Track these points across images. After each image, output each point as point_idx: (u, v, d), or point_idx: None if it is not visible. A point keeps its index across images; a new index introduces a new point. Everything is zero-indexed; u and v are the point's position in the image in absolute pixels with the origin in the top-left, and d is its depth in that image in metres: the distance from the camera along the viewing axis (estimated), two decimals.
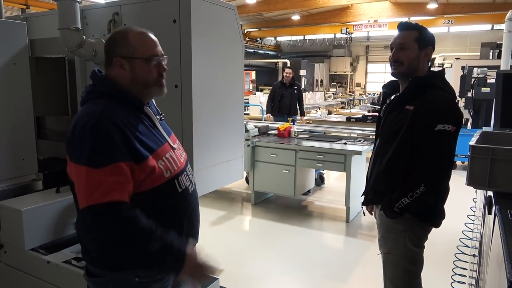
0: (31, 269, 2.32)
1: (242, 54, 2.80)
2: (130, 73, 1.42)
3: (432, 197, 1.93)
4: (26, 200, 2.40)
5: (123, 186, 1.30)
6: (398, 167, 1.99)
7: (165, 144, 1.47)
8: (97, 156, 1.27)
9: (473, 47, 17.04)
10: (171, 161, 1.46)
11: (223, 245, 4.09)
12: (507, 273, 0.92)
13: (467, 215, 3.27)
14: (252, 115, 10.29)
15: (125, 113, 1.37)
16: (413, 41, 1.97)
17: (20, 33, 2.62)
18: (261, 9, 15.71)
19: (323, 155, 4.74)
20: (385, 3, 15.55)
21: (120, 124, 1.32)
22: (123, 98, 1.41)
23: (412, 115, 1.93)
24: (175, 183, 1.45)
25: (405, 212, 1.96)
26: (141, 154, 1.34)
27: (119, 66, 1.42)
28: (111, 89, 1.41)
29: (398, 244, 2.05)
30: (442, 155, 1.89)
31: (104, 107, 1.35)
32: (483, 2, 14.86)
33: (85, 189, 1.28)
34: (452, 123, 1.86)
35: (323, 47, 22.87)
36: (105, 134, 1.29)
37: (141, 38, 1.44)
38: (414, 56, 1.98)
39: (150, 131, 1.43)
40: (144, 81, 1.44)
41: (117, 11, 2.52)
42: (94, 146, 1.28)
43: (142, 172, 1.34)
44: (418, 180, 1.89)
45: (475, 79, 7.36)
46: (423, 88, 1.96)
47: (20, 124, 2.63)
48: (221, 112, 2.64)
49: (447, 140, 1.87)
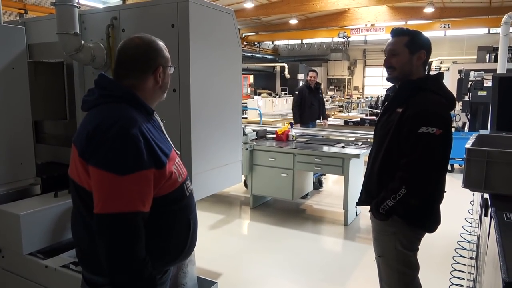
0: (29, 274, 2.32)
1: (240, 58, 2.82)
2: (163, 81, 1.49)
3: (414, 199, 1.92)
4: (24, 204, 2.39)
5: (145, 195, 1.30)
6: (388, 169, 2.01)
7: (173, 149, 1.49)
8: (122, 163, 1.26)
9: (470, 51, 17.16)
10: (181, 165, 1.49)
11: (221, 249, 4.09)
12: (502, 274, 0.93)
13: (465, 218, 3.28)
14: (250, 118, 10.31)
15: (143, 119, 1.38)
16: (403, 46, 2.00)
17: (19, 37, 2.62)
18: (259, 13, 15.78)
19: (321, 159, 4.75)
20: (382, 7, 15.64)
21: (144, 130, 1.32)
22: (139, 104, 1.41)
23: (399, 117, 1.95)
24: (184, 187, 1.48)
25: (393, 214, 1.97)
26: (162, 160, 1.35)
27: (159, 75, 1.47)
28: (128, 94, 1.40)
29: (389, 247, 2.06)
30: (424, 158, 1.88)
31: (127, 112, 1.35)
32: (479, 6, 14.98)
33: (107, 195, 1.26)
34: (438, 126, 1.85)
35: (320, 51, 22.97)
36: (131, 140, 1.28)
37: (166, 48, 1.52)
38: (405, 60, 2.00)
39: (161, 137, 1.45)
40: (167, 87, 1.54)
41: (115, 16, 2.53)
42: (120, 152, 1.27)
43: (163, 177, 1.35)
44: (400, 182, 1.90)
45: (472, 82, 7.39)
46: (414, 91, 1.97)
47: (18, 129, 2.63)
48: (219, 116, 2.65)
49: (429, 143, 1.85)
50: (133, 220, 1.27)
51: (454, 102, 2.07)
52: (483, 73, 7.47)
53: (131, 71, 1.44)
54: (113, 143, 1.27)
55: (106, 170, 1.25)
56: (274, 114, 11.11)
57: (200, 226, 1.67)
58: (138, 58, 1.43)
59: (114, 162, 1.26)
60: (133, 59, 1.43)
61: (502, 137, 2.39)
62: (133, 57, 1.43)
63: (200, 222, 1.66)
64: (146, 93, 1.45)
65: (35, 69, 2.79)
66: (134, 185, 1.27)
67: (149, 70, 1.44)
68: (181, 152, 1.76)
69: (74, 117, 2.87)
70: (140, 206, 1.28)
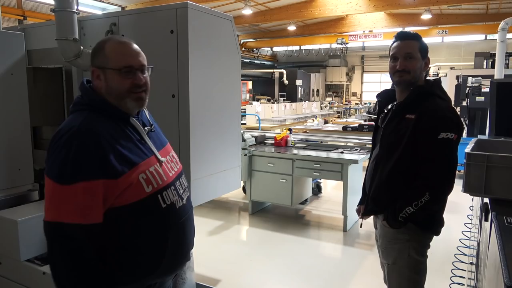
0: (27, 281, 2.30)
1: (238, 64, 2.82)
2: (104, 83, 1.38)
3: (437, 205, 1.94)
4: (22, 210, 2.38)
5: (86, 207, 1.25)
6: (400, 177, 1.98)
7: (151, 157, 1.41)
8: (67, 172, 1.23)
9: (467, 57, 17.26)
10: (155, 175, 1.39)
11: (220, 255, 4.07)
12: (504, 278, 0.93)
13: (464, 223, 3.28)
14: (249, 124, 10.32)
15: (107, 126, 1.32)
16: (417, 51, 1.99)
17: (18, 43, 2.63)
18: (258, 19, 15.85)
19: (320, 164, 4.75)
20: (380, 14, 15.73)
21: (98, 138, 1.27)
22: (105, 110, 1.36)
23: (414, 124, 1.93)
24: (158, 198, 1.38)
25: (409, 222, 1.95)
26: (116, 169, 1.28)
27: (96, 77, 1.39)
28: (92, 101, 1.37)
29: (402, 255, 2.02)
30: (446, 164, 1.88)
31: (84, 120, 1.31)
32: (476, 13, 15.08)
33: (49, 203, 1.25)
34: (454, 131, 1.86)
35: (319, 57, 23.06)
36: (77, 149, 1.24)
37: (117, 48, 1.40)
38: (419, 65, 2.00)
39: (135, 144, 1.38)
40: (117, 93, 1.38)
41: (114, 22, 2.53)
42: (66, 161, 1.23)
43: (117, 187, 1.28)
44: (423, 189, 1.88)
45: (470, 88, 7.43)
46: (423, 97, 1.97)
47: (17, 135, 2.63)
48: (218, 122, 2.64)
49: (450, 148, 1.86)
50: (70, 232, 1.23)
51: None
52: (480, 79, 7.51)
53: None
54: (59, 152, 1.25)
55: (49, 177, 1.26)
56: (272, 120, 11.12)
57: (199, 232, 1.66)
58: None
59: (56, 170, 1.24)
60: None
61: (501, 142, 2.40)
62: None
63: (198, 228, 1.64)
64: (113, 97, 1.38)
65: (34, 75, 2.79)
66: (74, 196, 1.23)
67: (92, 73, 1.41)
68: (180, 158, 1.73)
69: None
70: (79, 218, 1.23)
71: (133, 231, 1.35)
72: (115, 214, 1.31)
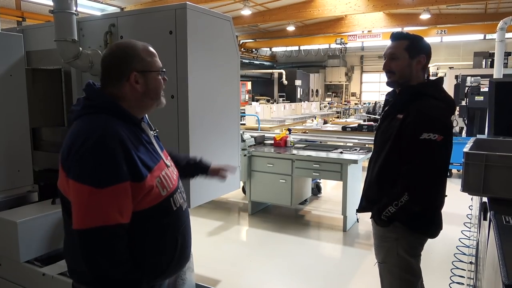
0: (27, 282, 2.30)
1: (238, 65, 2.82)
2: (144, 86, 1.41)
3: (417, 206, 1.91)
4: (21, 212, 2.38)
5: (123, 207, 1.28)
6: (388, 175, 2.00)
7: (161, 161, 1.45)
8: (100, 176, 1.24)
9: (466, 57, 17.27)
10: (167, 179, 1.43)
11: (220, 255, 4.06)
12: (502, 277, 0.93)
13: (464, 222, 3.28)
14: (248, 125, 10.32)
15: (125, 130, 1.34)
16: (403, 50, 1.99)
17: (17, 45, 2.63)
18: (256, 20, 15.86)
19: (319, 164, 4.75)
20: (379, 14, 15.75)
21: (124, 142, 1.29)
22: (121, 113, 1.37)
23: (400, 123, 1.94)
24: (170, 201, 1.43)
25: (395, 221, 1.96)
26: (141, 173, 1.31)
27: (135, 81, 1.39)
28: (111, 104, 1.37)
29: (391, 253, 2.04)
30: (426, 164, 1.87)
31: (106, 123, 1.31)
32: (475, 13, 15.10)
33: (85, 209, 1.24)
34: (439, 132, 1.84)
35: (318, 58, 23.08)
36: (109, 152, 1.25)
37: (149, 52, 1.44)
38: (404, 64, 1.99)
39: (147, 148, 1.41)
40: (156, 94, 1.44)
41: (113, 23, 2.54)
42: (98, 165, 1.24)
43: (141, 191, 1.32)
44: (402, 189, 1.89)
45: (469, 88, 7.43)
46: (415, 97, 1.97)
47: (16, 136, 2.63)
48: (218, 122, 2.65)
49: (431, 149, 1.84)
50: (113, 233, 1.26)
51: (454, 107, 2.05)
52: (479, 79, 7.51)
53: (108, 79, 1.41)
54: (90, 156, 1.25)
55: (83, 183, 1.24)
56: (272, 120, 11.12)
57: (198, 232, 1.67)
58: (111, 65, 1.40)
59: (91, 175, 1.24)
60: (107, 67, 1.41)
61: (500, 141, 2.40)
62: (107, 65, 1.41)
63: (198, 229, 1.65)
64: (129, 102, 1.40)
65: (33, 76, 2.79)
66: (112, 198, 1.25)
67: (122, 76, 1.39)
68: None
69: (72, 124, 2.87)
70: (119, 218, 1.27)
71: (149, 233, 1.39)
72: (135, 218, 1.33)
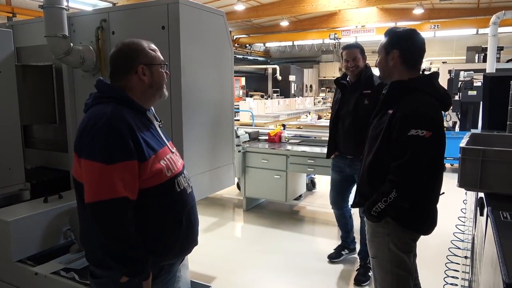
0: (19, 281, 2.27)
1: (231, 60, 2.80)
2: (150, 78, 1.55)
3: (406, 202, 1.90)
4: (13, 210, 2.35)
5: (131, 184, 1.39)
6: (379, 170, 1.99)
7: (165, 146, 1.58)
8: (110, 153, 1.36)
9: (459, 51, 17.32)
10: (172, 161, 1.56)
11: (215, 252, 4.05)
12: (502, 275, 0.92)
13: (458, 217, 3.29)
14: (242, 120, 10.28)
15: (132, 115, 1.47)
16: (382, 47, 2.05)
17: (6, 40, 2.58)
18: (250, 15, 15.78)
19: (314, 160, 4.74)
20: (372, 9, 15.74)
21: (130, 125, 1.42)
22: (129, 102, 1.51)
23: (389, 119, 1.94)
24: (174, 182, 1.54)
25: (386, 216, 1.96)
26: (145, 153, 1.43)
27: (142, 74, 1.54)
28: (119, 94, 1.51)
29: (382, 248, 2.03)
30: (414, 161, 1.85)
31: (114, 108, 1.45)
32: (468, 8, 15.14)
33: (96, 184, 1.35)
34: (427, 128, 1.83)
35: (311, 53, 23.02)
36: (116, 132, 1.38)
37: (152, 47, 1.59)
38: (382, 60, 2.05)
39: (152, 134, 1.54)
40: (160, 84, 1.59)
41: (104, 18, 2.50)
42: (107, 143, 1.37)
43: (146, 170, 1.43)
44: (391, 186, 1.89)
45: (462, 82, 7.46)
46: (406, 92, 1.95)
47: (7, 133, 2.59)
48: (211, 118, 2.62)
49: (419, 145, 1.83)
50: (122, 205, 1.36)
51: (448, 102, 2.02)
52: (472, 73, 7.54)
53: (117, 74, 1.56)
54: (100, 135, 1.37)
55: (94, 160, 1.36)
56: (266, 116, 11.10)
57: None
58: (118, 61, 1.56)
59: (101, 152, 1.36)
60: (115, 63, 1.56)
61: (496, 135, 2.40)
62: (115, 61, 1.56)
63: None
64: (137, 93, 1.54)
65: (23, 73, 2.74)
66: (121, 173, 1.36)
67: (130, 70, 1.53)
68: None
69: (63, 121, 2.83)
70: (128, 193, 1.37)
71: (153, 211, 1.49)
72: (141, 196, 1.43)
